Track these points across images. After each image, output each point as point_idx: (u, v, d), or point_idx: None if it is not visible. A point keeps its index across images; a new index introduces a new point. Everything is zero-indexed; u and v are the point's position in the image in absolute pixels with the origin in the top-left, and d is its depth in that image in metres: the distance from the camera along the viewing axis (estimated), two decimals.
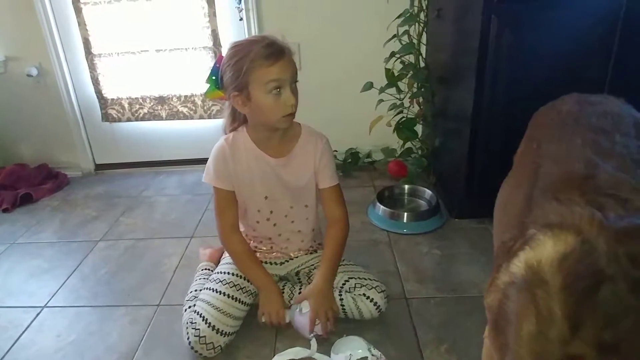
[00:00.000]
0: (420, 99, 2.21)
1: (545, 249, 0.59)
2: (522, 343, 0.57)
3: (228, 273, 1.37)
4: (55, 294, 1.61)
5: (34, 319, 1.49)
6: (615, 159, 0.80)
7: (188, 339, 1.25)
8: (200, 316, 1.26)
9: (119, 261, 1.78)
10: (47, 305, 1.55)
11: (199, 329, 1.24)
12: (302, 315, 1.28)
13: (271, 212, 1.38)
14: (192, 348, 1.24)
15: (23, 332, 1.43)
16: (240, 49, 1.18)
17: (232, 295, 1.31)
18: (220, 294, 1.31)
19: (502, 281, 0.64)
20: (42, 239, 2.00)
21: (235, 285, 1.34)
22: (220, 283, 1.34)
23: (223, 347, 1.27)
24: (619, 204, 0.64)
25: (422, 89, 2.12)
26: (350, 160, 2.42)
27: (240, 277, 1.37)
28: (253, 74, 1.16)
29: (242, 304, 1.32)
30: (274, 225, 1.40)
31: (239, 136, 1.32)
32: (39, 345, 1.38)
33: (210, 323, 1.25)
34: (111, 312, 1.49)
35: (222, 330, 1.26)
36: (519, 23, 1.48)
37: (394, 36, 2.06)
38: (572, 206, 0.63)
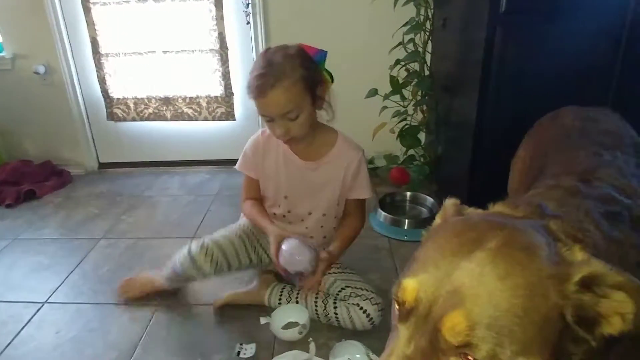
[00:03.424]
0: (424, 107, 2.22)
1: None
2: None
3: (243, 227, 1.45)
4: (56, 290, 1.61)
5: (35, 314, 1.50)
6: (615, 168, 0.85)
7: (189, 250, 1.32)
8: (207, 239, 1.36)
9: (120, 260, 1.79)
10: (48, 301, 1.56)
11: (204, 241, 1.33)
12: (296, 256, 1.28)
13: (288, 211, 1.41)
14: (189, 255, 1.30)
15: (23, 327, 1.44)
16: (255, 63, 1.21)
17: (242, 238, 1.39)
18: (231, 232, 1.41)
19: None
20: (45, 236, 2.01)
21: (247, 236, 1.41)
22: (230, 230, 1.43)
23: (217, 269, 1.31)
24: (609, 184, 0.76)
25: (426, 97, 2.14)
26: None
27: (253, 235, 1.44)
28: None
29: (246, 251, 1.39)
30: (289, 223, 1.42)
31: None
32: (38, 341, 1.38)
33: (217, 241, 1.34)
34: (111, 309, 1.50)
35: (226, 251, 1.32)
36: (523, 35, 1.49)
37: (400, 44, 2.08)
38: (564, 178, 0.81)
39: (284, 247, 1.29)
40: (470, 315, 0.46)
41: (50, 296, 1.58)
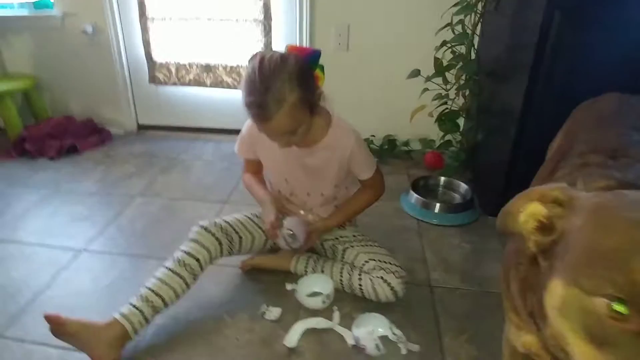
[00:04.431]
0: (467, 92, 2.17)
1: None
2: None
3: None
4: (93, 239, 1.69)
5: (73, 260, 1.57)
6: None
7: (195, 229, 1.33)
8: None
9: (154, 217, 1.84)
10: (86, 249, 1.63)
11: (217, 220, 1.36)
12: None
13: (291, 194, 1.44)
14: (199, 227, 1.33)
15: (62, 270, 1.51)
16: (249, 79, 1.11)
17: (247, 215, 1.45)
18: (242, 215, 1.45)
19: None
20: (84, 188, 2.09)
21: (254, 215, 1.46)
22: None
23: (227, 235, 1.34)
24: (637, 161, 0.75)
25: (470, 82, 2.08)
26: (387, 146, 2.41)
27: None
28: None
29: (255, 224, 1.44)
30: (293, 203, 1.46)
31: None
32: (76, 285, 1.45)
33: (229, 222, 1.38)
34: (145, 262, 1.56)
35: (230, 223, 1.37)
36: (583, 21, 1.42)
37: (448, 25, 2.02)
38: (592, 156, 0.81)
39: (285, 224, 1.34)
40: None
41: (88, 245, 1.65)
